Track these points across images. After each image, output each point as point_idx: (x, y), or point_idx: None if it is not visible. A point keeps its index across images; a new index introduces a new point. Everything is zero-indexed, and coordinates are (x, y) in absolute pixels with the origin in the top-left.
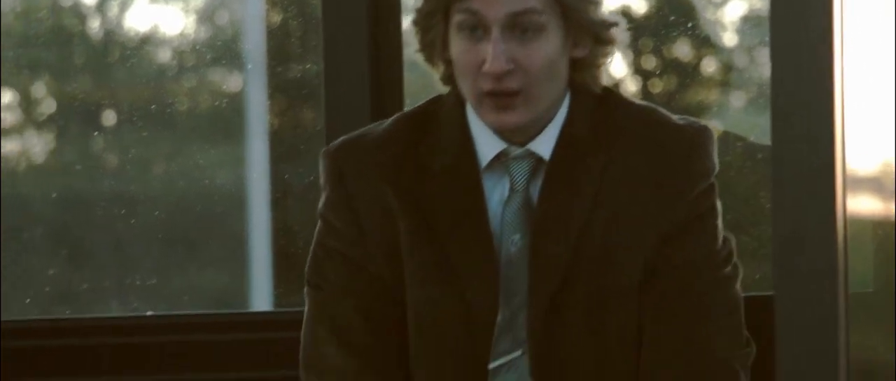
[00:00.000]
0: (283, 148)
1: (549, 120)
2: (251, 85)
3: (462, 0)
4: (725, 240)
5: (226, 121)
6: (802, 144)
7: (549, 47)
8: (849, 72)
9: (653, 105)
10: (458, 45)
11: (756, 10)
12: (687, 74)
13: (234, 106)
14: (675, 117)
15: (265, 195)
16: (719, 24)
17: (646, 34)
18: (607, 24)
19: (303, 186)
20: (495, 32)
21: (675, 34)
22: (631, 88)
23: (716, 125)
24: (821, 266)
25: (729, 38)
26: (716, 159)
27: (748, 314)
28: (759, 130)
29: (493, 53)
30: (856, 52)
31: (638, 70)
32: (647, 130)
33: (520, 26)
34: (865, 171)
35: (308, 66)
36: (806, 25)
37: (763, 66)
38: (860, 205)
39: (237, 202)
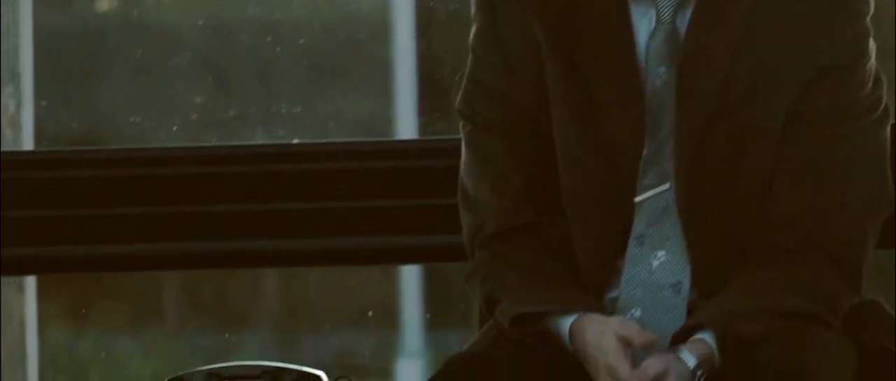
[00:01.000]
0: None
1: None
2: None
3: None
4: (877, 83)
5: None
6: None
7: None
8: None
9: None
10: None
11: None
12: None
13: None
14: None
15: (410, 22)
16: None
17: None
18: None
19: (448, 13)
20: None
21: None
22: None
23: None
24: None
25: None
26: (871, 2)
27: (893, 146)
28: None
29: None
30: None
31: None
32: None
33: None
34: None
35: None
36: None
37: None
38: None
39: (382, 29)
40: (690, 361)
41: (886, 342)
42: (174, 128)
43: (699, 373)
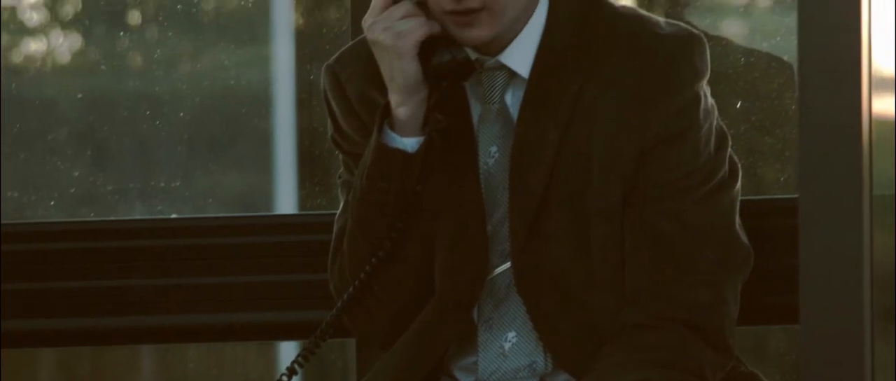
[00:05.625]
0: (308, 48)
1: (522, 28)
2: None
3: None
4: (720, 145)
5: (251, 20)
6: (829, 44)
7: None
8: None
9: (637, 11)
10: None
11: None
12: None
13: (260, 5)
14: (662, 24)
15: (290, 96)
16: None
17: None
18: None
19: None
20: None
21: None
22: None
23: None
24: (845, 168)
25: None
26: (703, 67)
27: (772, 217)
28: (785, 30)
29: None
30: None
31: None
32: (626, 40)
33: None
34: (891, 71)
35: None
36: None
37: None
38: (885, 106)
39: (262, 103)
40: None
41: None
42: (52, 202)
43: None
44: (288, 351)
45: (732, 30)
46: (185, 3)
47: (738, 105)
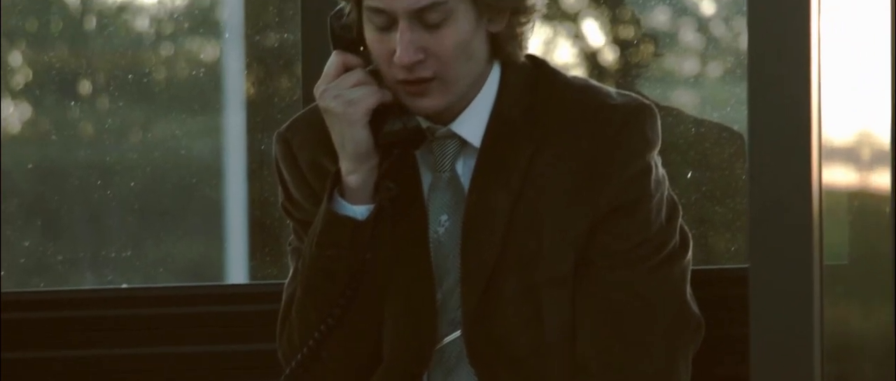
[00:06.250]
0: (259, 118)
1: (473, 97)
2: (228, 54)
3: None
4: (671, 215)
5: (202, 90)
6: (779, 114)
7: (459, 30)
8: (826, 41)
9: (588, 81)
10: (369, 34)
11: None
12: (664, 43)
13: (211, 75)
14: (613, 94)
15: (241, 166)
16: None
17: (623, 3)
18: None
19: None
20: (403, 23)
21: (652, 3)
22: (608, 57)
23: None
24: (796, 238)
25: (706, 8)
26: (654, 137)
27: (722, 287)
28: (735, 100)
29: (402, 45)
30: (833, 21)
31: (615, 40)
32: (578, 109)
33: (426, 18)
34: (841, 141)
35: (285, 35)
36: None
37: (741, 35)
38: (835, 176)
39: (213, 173)
40: None
41: None
42: (2, 272)
43: None
44: None
45: (683, 100)
46: (137, 73)
47: (689, 175)
